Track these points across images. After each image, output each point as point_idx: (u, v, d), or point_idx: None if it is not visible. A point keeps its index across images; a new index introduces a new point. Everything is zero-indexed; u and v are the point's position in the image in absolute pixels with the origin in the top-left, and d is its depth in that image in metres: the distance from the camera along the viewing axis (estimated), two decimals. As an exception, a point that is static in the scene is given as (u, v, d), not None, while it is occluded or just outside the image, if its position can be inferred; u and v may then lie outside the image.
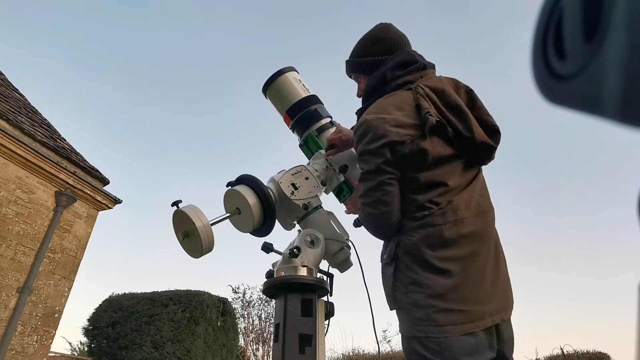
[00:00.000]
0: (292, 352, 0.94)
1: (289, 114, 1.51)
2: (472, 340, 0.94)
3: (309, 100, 1.50)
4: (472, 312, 0.96)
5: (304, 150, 1.53)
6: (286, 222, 1.31)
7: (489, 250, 1.06)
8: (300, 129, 1.51)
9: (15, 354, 4.75)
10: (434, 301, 0.96)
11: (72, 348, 10.77)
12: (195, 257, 1.06)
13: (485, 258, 1.04)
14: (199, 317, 8.21)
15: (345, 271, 1.28)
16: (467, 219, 1.03)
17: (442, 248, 1.00)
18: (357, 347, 10.34)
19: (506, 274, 1.10)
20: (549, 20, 0.27)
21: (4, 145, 4.76)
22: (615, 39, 0.21)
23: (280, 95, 1.52)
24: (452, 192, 1.05)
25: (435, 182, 1.05)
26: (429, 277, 0.98)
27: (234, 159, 18.67)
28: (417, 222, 1.04)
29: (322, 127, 1.48)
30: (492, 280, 1.03)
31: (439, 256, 0.99)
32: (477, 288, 0.99)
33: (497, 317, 0.99)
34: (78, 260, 5.68)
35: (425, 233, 1.01)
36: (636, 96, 0.20)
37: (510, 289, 1.09)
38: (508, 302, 1.07)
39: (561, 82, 0.25)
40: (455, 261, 0.99)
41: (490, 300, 1.00)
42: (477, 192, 1.11)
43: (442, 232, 1.01)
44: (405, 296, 1.00)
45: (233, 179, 1.22)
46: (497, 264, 1.07)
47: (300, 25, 19.87)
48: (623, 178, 12.09)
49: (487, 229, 1.08)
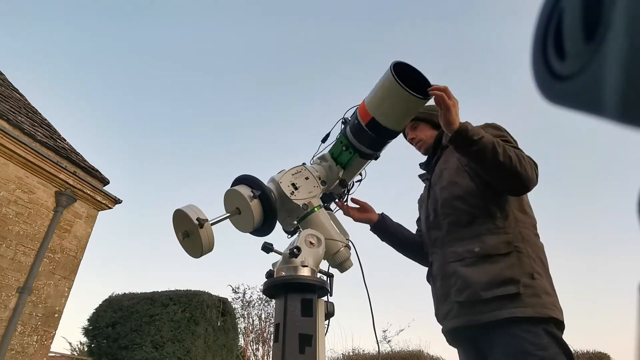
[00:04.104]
0: (292, 352, 0.94)
1: (373, 123, 1.24)
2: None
3: (394, 135, 1.29)
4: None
5: (338, 146, 1.35)
6: (286, 222, 1.31)
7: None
8: (359, 137, 1.29)
9: (15, 354, 4.75)
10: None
11: (72, 348, 10.78)
12: (195, 257, 1.05)
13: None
14: (199, 317, 8.21)
15: (345, 271, 1.28)
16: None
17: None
18: (357, 347, 10.34)
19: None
20: (549, 20, 0.27)
21: (4, 145, 4.76)
22: (615, 39, 0.21)
23: (395, 107, 1.23)
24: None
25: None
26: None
27: (234, 159, 18.68)
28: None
29: (368, 156, 1.34)
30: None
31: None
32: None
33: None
34: (78, 260, 5.68)
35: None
36: (636, 96, 0.20)
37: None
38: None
39: (561, 82, 0.25)
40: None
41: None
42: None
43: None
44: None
45: (233, 179, 1.22)
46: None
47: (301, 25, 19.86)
48: (623, 178, 12.08)
49: None
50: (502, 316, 1.22)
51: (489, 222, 1.36)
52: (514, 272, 1.25)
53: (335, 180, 1.38)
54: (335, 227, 1.32)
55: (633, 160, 4.81)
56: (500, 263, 1.28)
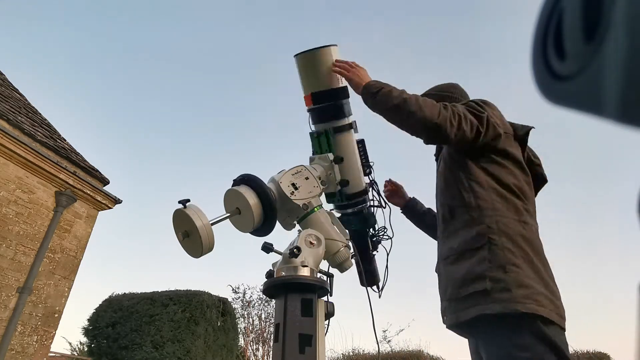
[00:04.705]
0: (292, 352, 0.94)
1: (314, 97, 1.34)
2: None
3: (340, 93, 1.36)
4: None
5: (313, 141, 1.42)
6: (286, 222, 1.31)
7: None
8: (318, 117, 1.40)
9: (15, 354, 4.75)
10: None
11: (72, 348, 10.78)
12: (195, 257, 1.05)
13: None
14: (199, 317, 8.21)
15: (345, 271, 1.28)
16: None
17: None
18: (357, 347, 10.34)
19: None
20: (549, 20, 0.27)
21: (4, 145, 4.76)
22: (615, 39, 0.21)
23: (314, 73, 1.34)
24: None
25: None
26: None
27: (234, 158, 18.68)
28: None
29: (341, 128, 1.39)
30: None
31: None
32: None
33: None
34: (78, 260, 5.68)
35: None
36: (636, 96, 0.20)
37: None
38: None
39: (561, 82, 0.25)
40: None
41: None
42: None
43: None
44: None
45: (233, 179, 1.21)
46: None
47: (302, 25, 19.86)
48: (623, 178, 12.09)
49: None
50: (471, 314, 1.18)
51: (465, 213, 1.32)
52: (482, 267, 1.19)
53: (334, 180, 1.38)
54: (335, 227, 1.32)
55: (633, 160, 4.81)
56: (472, 258, 1.23)
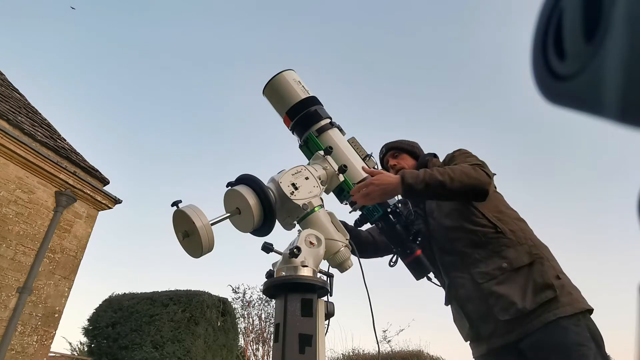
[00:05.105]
0: (292, 352, 0.94)
1: (288, 115, 1.53)
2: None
3: (308, 102, 1.52)
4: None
5: (304, 151, 1.54)
6: (286, 222, 1.31)
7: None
8: (300, 130, 1.54)
9: (15, 354, 4.75)
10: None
11: (72, 348, 10.76)
12: (195, 257, 1.05)
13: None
14: (199, 317, 8.21)
15: (345, 271, 1.28)
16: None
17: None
18: (357, 347, 10.34)
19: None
20: (549, 20, 0.27)
21: (4, 145, 4.76)
22: (615, 39, 0.21)
23: (280, 97, 1.54)
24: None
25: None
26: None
27: (234, 158, 18.67)
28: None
29: (322, 128, 1.51)
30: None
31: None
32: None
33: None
34: (78, 260, 5.68)
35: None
36: (636, 96, 0.20)
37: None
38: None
39: (561, 82, 0.25)
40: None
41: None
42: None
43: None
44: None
45: (233, 178, 1.21)
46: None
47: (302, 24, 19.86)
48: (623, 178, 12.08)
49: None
50: (547, 320, 1.31)
51: (500, 236, 1.46)
52: (544, 278, 1.36)
53: (332, 172, 1.38)
54: (335, 227, 1.32)
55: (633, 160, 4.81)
56: (530, 274, 1.38)
